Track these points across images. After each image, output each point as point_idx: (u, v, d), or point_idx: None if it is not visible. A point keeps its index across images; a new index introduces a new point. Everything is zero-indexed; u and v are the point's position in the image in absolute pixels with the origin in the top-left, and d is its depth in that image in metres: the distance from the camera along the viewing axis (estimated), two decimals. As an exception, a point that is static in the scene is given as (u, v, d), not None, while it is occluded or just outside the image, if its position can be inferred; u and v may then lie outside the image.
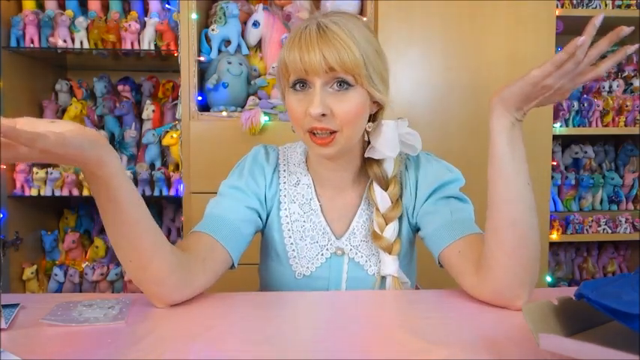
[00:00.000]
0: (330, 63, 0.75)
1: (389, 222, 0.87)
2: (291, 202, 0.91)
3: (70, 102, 2.12)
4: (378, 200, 0.88)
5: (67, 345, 0.60)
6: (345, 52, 0.75)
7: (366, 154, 0.88)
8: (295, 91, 0.80)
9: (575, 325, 0.57)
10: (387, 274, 0.87)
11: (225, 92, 1.77)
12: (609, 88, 2.10)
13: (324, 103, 0.77)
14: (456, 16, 1.79)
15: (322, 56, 0.75)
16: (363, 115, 0.82)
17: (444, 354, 0.57)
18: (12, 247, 1.92)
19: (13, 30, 1.91)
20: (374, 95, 0.81)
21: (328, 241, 0.90)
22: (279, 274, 0.92)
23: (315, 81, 0.77)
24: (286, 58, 0.78)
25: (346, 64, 0.76)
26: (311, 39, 0.76)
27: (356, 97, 0.79)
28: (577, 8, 1.97)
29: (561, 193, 2.15)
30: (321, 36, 0.76)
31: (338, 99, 0.78)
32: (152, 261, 0.68)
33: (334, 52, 0.75)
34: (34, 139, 0.50)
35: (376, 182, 0.88)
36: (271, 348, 0.59)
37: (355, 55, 0.76)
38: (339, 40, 0.76)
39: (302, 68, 0.77)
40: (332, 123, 0.79)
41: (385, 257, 0.87)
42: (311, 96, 0.78)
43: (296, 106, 0.80)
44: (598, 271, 2.26)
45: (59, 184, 1.93)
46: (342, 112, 0.78)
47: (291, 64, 0.78)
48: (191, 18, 1.75)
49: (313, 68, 0.76)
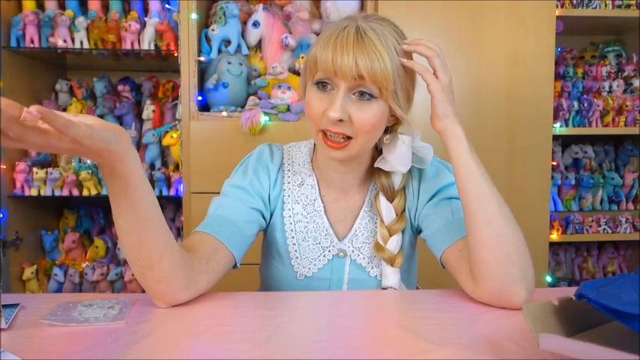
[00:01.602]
0: (361, 71, 0.75)
1: (393, 234, 0.87)
2: (294, 203, 0.91)
3: (70, 102, 2.12)
4: (383, 212, 0.87)
5: (67, 345, 0.60)
6: (379, 63, 0.75)
7: (377, 164, 0.87)
8: (318, 89, 0.80)
9: (575, 325, 0.57)
10: (389, 286, 0.87)
11: (225, 92, 1.77)
12: (609, 88, 2.10)
13: (344, 108, 0.77)
14: (456, 16, 1.79)
15: (355, 62, 0.74)
16: (380, 127, 0.82)
17: (444, 354, 0.57)
18: (12, 247, 1.92)
19: (13, 30, 1.91)
20: (395, 110, 0.80)
21: (331, 242, 0.90)
22: (281, 274, 0.92)
23: (341, 84, 0.77)
24: (318, 55, 0.78)
25: (377, 75, 0.75)
26: (347, 42, 0.75)
27: (376, 108, 0.78)
28: (577, 8, 1.97)
29: (561, 193, 2.15)
30: (358, 41, 0.75)
31: (358, 107, 0.78)
32: (160, 260, 0.68)
33: (367, 61, 0.74)
34: (68, 126, 0.50)
35: (382, 193, 0.88)
36: (271, 348, 0.59)
37: (387, 67, 0.75)
38: (375, 49, 0.75)
39: (332, 69, 0.76)
40: (347, 129, 0.78)
41: (387, 269, 0.87)
42: (332, 98, 0.77)
43: (315, 104, 0.79)
44: (598, 271, 2.26)
45: (59, 184, 1.93)
46: (360, 121, 0.78)
47: (322, 62, 0.77)
48: (191, 18, 1.75)
49: (343, 72, 0.75)
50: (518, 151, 1.81)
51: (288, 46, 1.84)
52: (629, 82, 2.14)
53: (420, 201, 0.89)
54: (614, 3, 1.99)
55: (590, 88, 2.12)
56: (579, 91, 2.08)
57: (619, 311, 0.48)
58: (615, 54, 2.22)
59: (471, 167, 0.75)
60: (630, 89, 2.13)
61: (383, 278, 0.88)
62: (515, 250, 0.73)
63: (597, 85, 2.11)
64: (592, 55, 2.25)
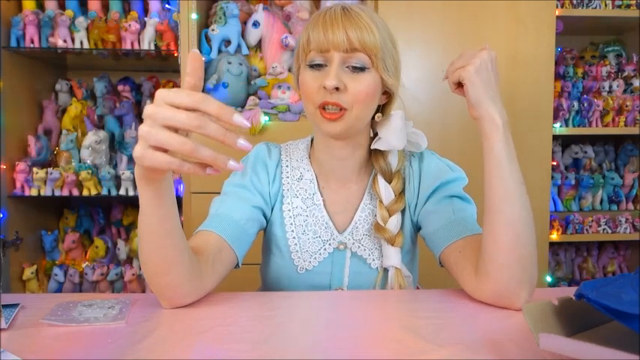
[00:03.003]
0: (352, 41, 0.79)
1: (392, 214, 0.88)
2: (293, 197, 0.92)
3: (70, 102, 2.12)
4: (382, 193, 0.89)
5: (67, 345, 0.60)
6: (367, 33, 0.79)
7: (373, 145, 0.89)
8: (312, 68, 0.82)
9: (575, 325, 0.57)
10: (390, 265, 0.87)
11: (225, 92, 1.77)
12: (609, 88, 2.10)
13: (339, 77, 0.79)
14: (455, 16, 1.79)
15: (345, 34, 0.79)
16: (374, 98, 0.84)
17: (444, 354, 0.57)
18: (12, 247, 1.92)
19: (13, 30, 1.91)
20: (386, 81, 0.83)
21: (331, 235, 0.90)
22: (281, 268, 0.92)
23: (334, 57, 0.80)
24: (310, 34, 0.82)
25: (367, 44, 0.79)
26: (336, 17, 0.80)
27: (369, 78, 0.82)
28: (577, 8, 1.97)
29: (561, 193, 2.15)
30: (346, 15, 0.80)
31: (353, 78, 0.81)
32: (173, 269, 0.69)
33: (357, 32, 0.79)
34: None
35: (380, 175, 0.89)
36: (271, 348, 0.59)
37: (376, 37, 0.80)
38: (363, 21, 0.80)
39: (324, 43, 0.80)
40: (343, 99, 0.80)
41: (388, 249, 0.88)
42: (327, 72, 0.81)
43: (311, 81, 0.82)
44: (598, 271, 2.26)
45: (59, 184, 1.93)
46: (355, 90, 0.80)
47: (314, 39, 0.81)
48: (191, 18, 1.75)
49: (335, 44, 0.79)
50: (518, 150, 1.78)
51: (288, 46, 1.84)
52: (629, 82, 2.14)
53: (420, 195, 0.90)
54: (614, 3, 1.99)
55: (590, 88, 2.12)
56: (579, 91, 2.08)
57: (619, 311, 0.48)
58: (615, 54, 2.22)
59: (502, 163, 0.71)
60: (630, 89, 2.13)
61: (384, 258, 0.88)
62: (528, 255, 0.71)
63: (597, 85, 2.11)
64: (592, 55, 2.25)
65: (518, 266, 0.71)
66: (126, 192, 1.95)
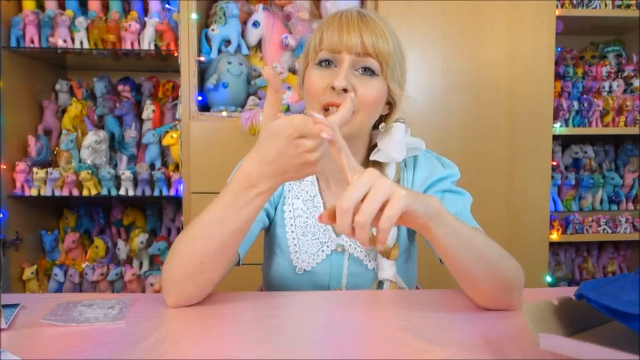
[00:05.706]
0: (366, 45, 0.79)
1: None
2: (295, 198, 0.92)
3: (70, 102, 2.12)
4: None
5: (67, 345, 0.60)
6: (382, 39, 0.80)
7: (372, 156, 0.88)
8: (320, 66, 0.83)
9: (575, 325, 0.57)
10: (385, 278, 0.87)
11: (225, 92, 1.77)
12: (609, 88, 2.10)
13: (348, 79, 0.79)
14: (456, 16, 1.79)
15: (360, 37, 0.79)
16: (380, 106, 0.84)
17: (444, 354, 0.57)
18: (12, 247, 1.92)
19: (13, 30, 1.91)
20: (393, 90, 0.84)
21: (329, 238, 0.90)
22: (281, 268, 0.92)
23: (345, 59, 0.80)
24: (324, 34, 0.82)
25: (380, 50, 0.80)
26: (352, 20, 0.81)
27: (377, 84, 0.82)
28: (577, 8, 1.97)
29: (561, 193, 2.15)
30: (362, 20, 0.81)
31: (362, 82, 0.81)
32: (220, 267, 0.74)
33: (372, 37, 0.80)
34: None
35: None
36: (271, 348, 0.59)
37: (389, 45, 0.81)
38: (378, 27, 0.81)
39: (338, 45, 0.80)
40: None
41: (383, 262, 0.88)
42: (336, 73, 0.80)
43: (317, 80, 0.82)
44: (598, 271, 2.26)
45: (59, 184, 1.93)
46: (363, 95, 0.81)
47: (328, 39, 0.81)
48: (191, 18, 1.75)
49: (349, 46, 0.79)
50: (518, 150, 1.81)
51: (288, 46, 1.84)
52: (629, 82, 2.14)
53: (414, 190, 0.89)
54: (614, 3, 1.99)
55: (590, 88, 2.12)
56: (579, 91, 2.08)
57: (619, 311, 0.48)
58: (615, 54, 2.22)
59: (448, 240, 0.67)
60: (630, 89, 2.13)
61: (379, 270, 0.88)
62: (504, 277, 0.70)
63: (597, 85, 2.11)
64: (592, 55, 2.25)
65: (499, 288, 0.71)
66: (126, 192, 1.95)
